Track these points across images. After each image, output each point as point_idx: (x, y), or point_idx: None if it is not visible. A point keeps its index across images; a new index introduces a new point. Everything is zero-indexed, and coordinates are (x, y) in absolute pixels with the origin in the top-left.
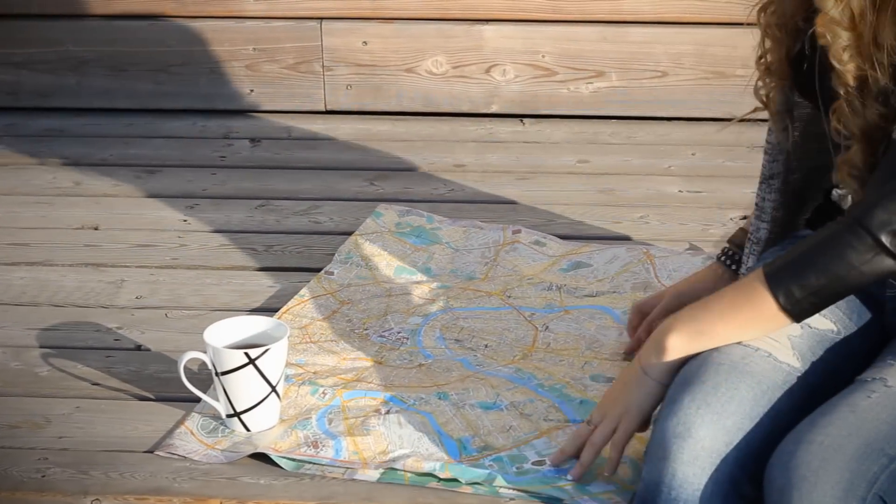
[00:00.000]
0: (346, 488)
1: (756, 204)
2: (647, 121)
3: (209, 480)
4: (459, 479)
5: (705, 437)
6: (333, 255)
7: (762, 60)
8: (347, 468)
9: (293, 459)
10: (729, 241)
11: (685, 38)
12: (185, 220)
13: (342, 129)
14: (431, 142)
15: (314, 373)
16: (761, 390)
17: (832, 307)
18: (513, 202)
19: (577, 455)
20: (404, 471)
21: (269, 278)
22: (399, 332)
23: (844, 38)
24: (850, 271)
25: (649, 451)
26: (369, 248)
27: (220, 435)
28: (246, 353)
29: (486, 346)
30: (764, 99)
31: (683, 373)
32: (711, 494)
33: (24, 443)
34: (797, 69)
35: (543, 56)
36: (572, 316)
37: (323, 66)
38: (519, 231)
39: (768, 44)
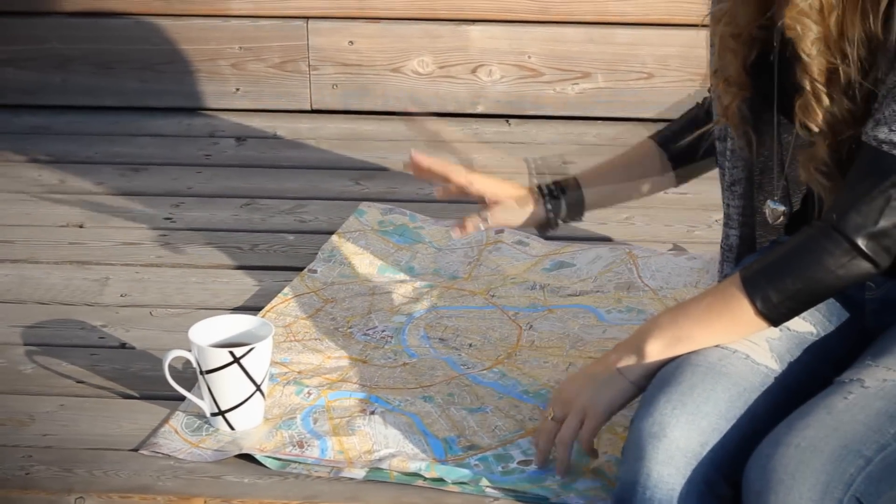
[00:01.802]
0: (330, 487)
1: (724, 212)
2: (633, 122)
3: (193, 479)
4: (445, 479)
5: (680, 438)
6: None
7: (718, 73)
8: (333, 467)
9: (279, 459)
10: (555, 183)
11: (671, 39)
12: (170, 219)
13: (328, 128)
14: (417, 142)
15: (299, 372)
16: (738, 392)
17: (811, 309)
18: None
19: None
20: (390, 470)
21: (254, 277)
22: (383, 331)
23: (815, 30)
24: (826, 275)
25: (625, 451)
26: (352, 247)
27: (204, 433)
28: (231, 352)
29: (470, 345)
30: (724, 110)
31: (661, 374)
32: (686, 494)
33: (8, 440)
34: (755, 77)
35: (530, 57)
36: (556, 315)
37: (309, 66)
38: (502, 231)
39: (725, 55)
